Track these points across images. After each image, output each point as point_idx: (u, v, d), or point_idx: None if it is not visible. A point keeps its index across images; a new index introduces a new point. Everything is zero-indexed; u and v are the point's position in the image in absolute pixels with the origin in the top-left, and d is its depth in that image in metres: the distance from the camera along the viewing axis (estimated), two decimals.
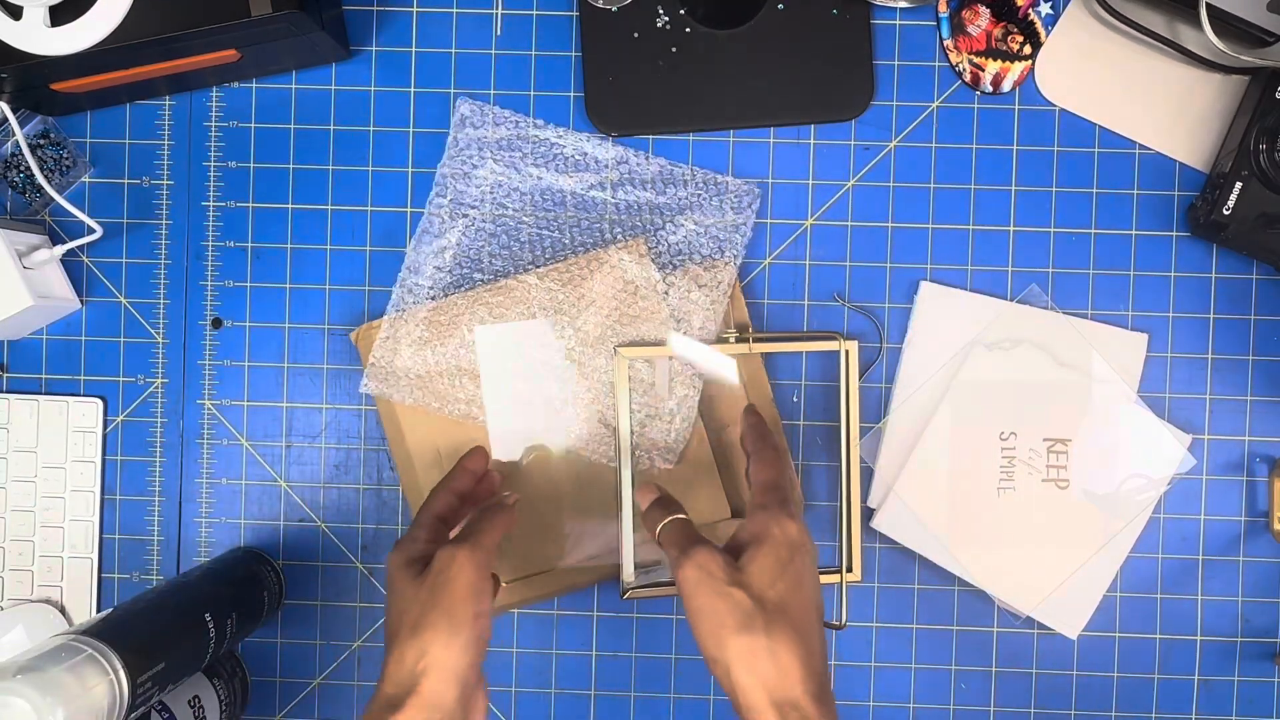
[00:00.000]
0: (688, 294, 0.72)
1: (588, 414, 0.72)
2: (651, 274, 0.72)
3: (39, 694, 0.51)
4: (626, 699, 0.75)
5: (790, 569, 0.55)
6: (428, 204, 0.74)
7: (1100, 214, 0.74)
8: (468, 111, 0.74)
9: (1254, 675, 0.74)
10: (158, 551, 0.76)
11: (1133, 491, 0.73)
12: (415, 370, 0.72)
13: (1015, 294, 0.74)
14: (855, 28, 0.73)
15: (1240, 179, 0.69)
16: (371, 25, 0.75)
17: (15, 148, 0.73)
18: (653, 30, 0.73)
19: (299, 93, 0.75)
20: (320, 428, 0.75)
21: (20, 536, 0.75)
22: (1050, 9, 0.73)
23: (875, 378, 0.74)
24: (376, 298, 0.75)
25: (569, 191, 0.74)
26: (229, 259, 0.76)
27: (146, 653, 0.58)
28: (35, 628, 0.74)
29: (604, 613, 0.75)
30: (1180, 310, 0.74)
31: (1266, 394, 0.74)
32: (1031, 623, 0.74)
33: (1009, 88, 0.74)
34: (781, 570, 0.55)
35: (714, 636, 0.53)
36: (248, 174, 0.75)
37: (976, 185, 0.74)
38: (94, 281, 0.76)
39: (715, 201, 0.73)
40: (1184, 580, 0.74)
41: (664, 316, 0.72)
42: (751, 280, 0.74)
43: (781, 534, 0.56)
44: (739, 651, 0.52)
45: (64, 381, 0.76)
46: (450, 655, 0.55)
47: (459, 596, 0.56)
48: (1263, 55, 0.70)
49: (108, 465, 0.76)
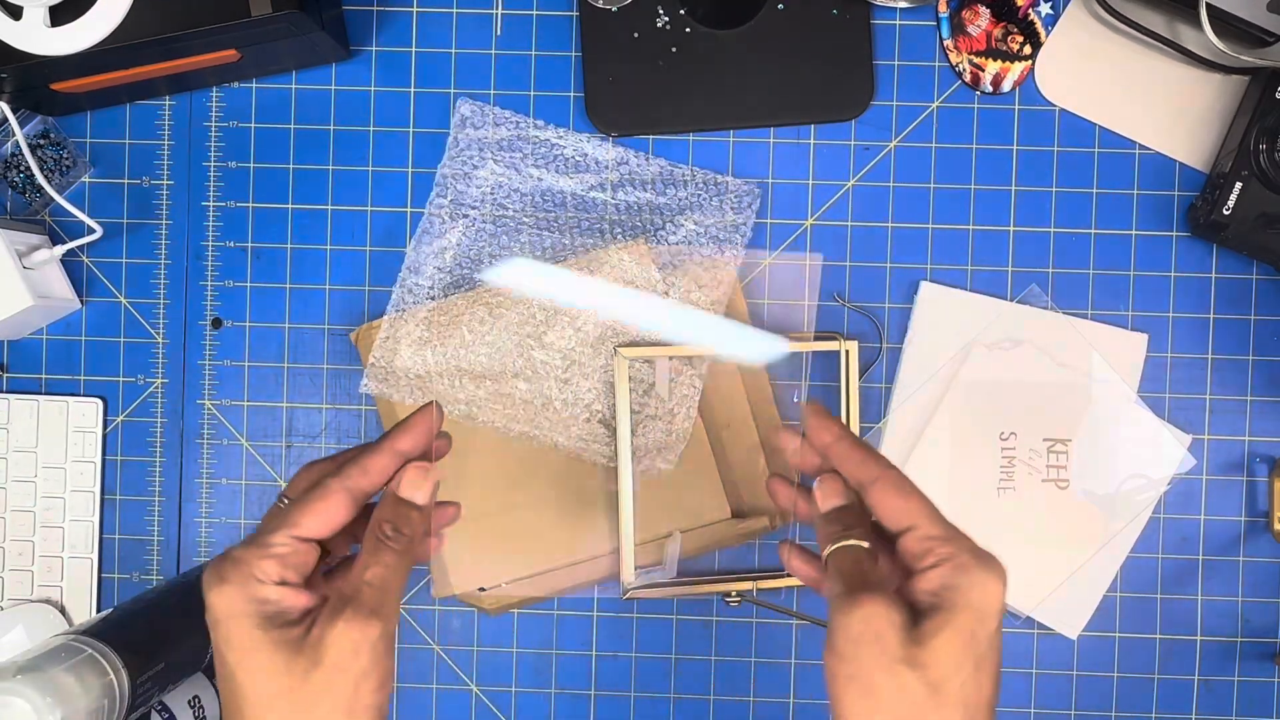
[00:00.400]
0: (688, 294, 0.72)
1: (588, 414, 0.72)
2: (651, 274, 0.72)
3: (39, 694, 0.51)
4: (626, 699, 0.75)
5: (980, 654, 0.42)
6: (428, 204, 0.74)
7: (1100, 214, 0.74)
8: (468, 112, 0.74)
9: (1254, 675, 0.74)
10: (158, 551, 0.76)
11: (1133, 491, 0.73)
12: (415, 370, 0.72)
13: (1015, 294, 0.74)
14: (855, 28, 0.73)
15: (1240, 179, 0.69)
16: (371, 25, 0.75)
17: (15, 148, 0.73)
18: (653, 30, 0.73)
19: (299, 93, 0.75)
20: (320, 428, 0.75)
21: (20, 536, 0.75)
22: (1050, 9, 0.73)
23: (875, 378, 0.74)
24: (376, 298, 0.75)
25: (569, 192, 0.74)
26: (229, 259, 0.76)
27: (146, 653, 0.58)
28: (35, 628, 0.74)
29: (604, 613, 0.75)
30: (1180, 310, 0.74)
31: (1266, 394, 0.74)
32: (1031, 623, 0.74)
33: (1009, 88, 0.74)
34: (970, 654, 0.42)
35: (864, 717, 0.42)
36: (248, 174, 0.75)
37: (976, 185, 0.74)
38: (94, 281, 0.76)
39: (715, 201, 0.73)
40: (1184, 580, 0.74)
41: None
42: (751, 280, 0.74)
43: (982, 602, 0.43)
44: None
45: (64, 381, 0.76)
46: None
47: (361, 705, 0.41)
48: (1263, 55, 0.70)
49: (108, 465, 0.76)
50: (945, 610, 0.42)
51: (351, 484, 0.45)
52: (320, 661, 0.40)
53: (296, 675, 0.40)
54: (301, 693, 0.40)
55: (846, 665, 0.42)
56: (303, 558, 0.43)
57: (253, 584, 0.42)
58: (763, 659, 0.74)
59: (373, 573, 0.42)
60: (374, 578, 0.42)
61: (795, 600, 0.74)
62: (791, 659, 0.75)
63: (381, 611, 0.41)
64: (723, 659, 0.75)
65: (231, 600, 0.41)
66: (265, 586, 0.42)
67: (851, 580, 0.44)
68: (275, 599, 0.42)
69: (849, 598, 0.43)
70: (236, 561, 0.42)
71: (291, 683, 0.40)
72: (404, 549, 0.44)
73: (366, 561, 0.43)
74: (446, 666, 0.75)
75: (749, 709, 0.75)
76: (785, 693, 0.74)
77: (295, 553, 0.43)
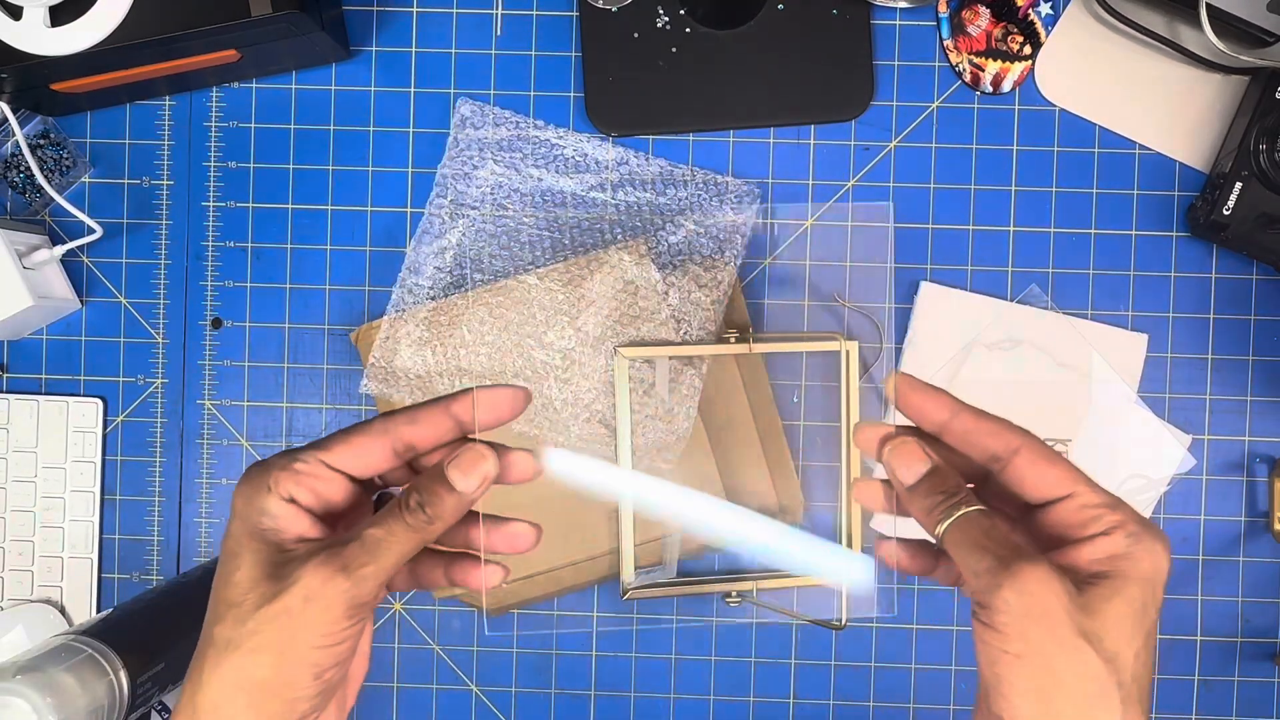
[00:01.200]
0: (688, 294, 0.72)
1: (588, 414, 0.72)
2: (651, 274, 0.72)
3: (39, 694, 0.51)
4: (626, 699, 0.75)
5: (1150, 626, 0.39)
6: (428, 204, 0.74)
7: (1100, 214, 0.74)
8: (468, 112, 0.74)
9: (1254, 675, 0.74)
10: (158, 551, 0.76)
11: (1133, 492, 0.73)
12: (415, 370, 0.72)
13: (1015, 294, 0.74)
14: (855, 28, 0.73)
15: (1240, 179, 0.69)
16: (371, 25, 0.75)
17: (15, 148, 0.73)
18: (653, 30, 0.73)
19: (299, 93, 0.75)
20: (320, 428, 0.75)
21: (20, 537, 0.75)
22: (1050, 9, 0.73)
23: (875, 378, 0.74)
24: (376, 298, 0.75)
25: (569, 192, 0.74)
26: (229, 259, 0.76)
27: (146, 653, 0.58)
28: (35, 628, 0.74)
29: (604, 613, 0.75)
30: (1180, 310, 0.74)
31: (1266, 394, 0.74)
32: None
33: (1009, 88, 0.74)
34: (1141, 626, 0.39)
35: (1044, 704, 0.38)
36: (248, 174, 0.75)
37: (976, 185, 0.74)
38: (94, 281, 0.76)
39: (715, 202, 0.73)
40: (1184, 580, 0.74)
41: (664, 316, 0.72)
42: (751, 280, 0.74)
43: (1154, 571, 0.39)
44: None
45: (64, 381, 0.76)
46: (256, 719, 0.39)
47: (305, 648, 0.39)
48: (1263, 55, 0.70)
49: (108, 465, 0.76)
50: (1117, 579, 0.39)
51: (394, 428, 0.42)
52: (280, 594, 0.39)
53: (256, 596, 0.39)
54: (253, 616, 0.39)
55: (1013, 643, 0.38)
56: (323, 484, 0.41)
57: (263, 492, 0.40)
58: (763, 659, 0.74)
59: (371, 531, 0.40)
60: (369, 536, 0.40)
61: (794, 600, 0.74)
62: (792, 659, 0.75)
63: (355, 572, 0.39)
64: (723, 659, 0.75)
65: (238, 499, 0.41)
66: (271, 498, 0.40)
67: (998, 550, 0.39)
68: (275, 513, 0.40)
69: (1003, 569, 0.38)
70: (262, 466, 0.41)
71: (252, 599, 0.39)
72: (417, 525, 0.41)
73: (375, 520, 0.41)
74: (446, 666, 0.75)
75: (749, 709, 0.75)
76: (785, 693, 0.74)
77: (316, 477, 0.41)
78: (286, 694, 0.39)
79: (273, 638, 0.38)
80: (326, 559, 0.39)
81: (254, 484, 0.41)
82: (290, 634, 0.39)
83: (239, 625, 0.39)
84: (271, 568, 0.39)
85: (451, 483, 0.41)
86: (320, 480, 0.41)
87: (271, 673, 0.39)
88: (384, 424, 0.42)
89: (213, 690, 0.39)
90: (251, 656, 0.38)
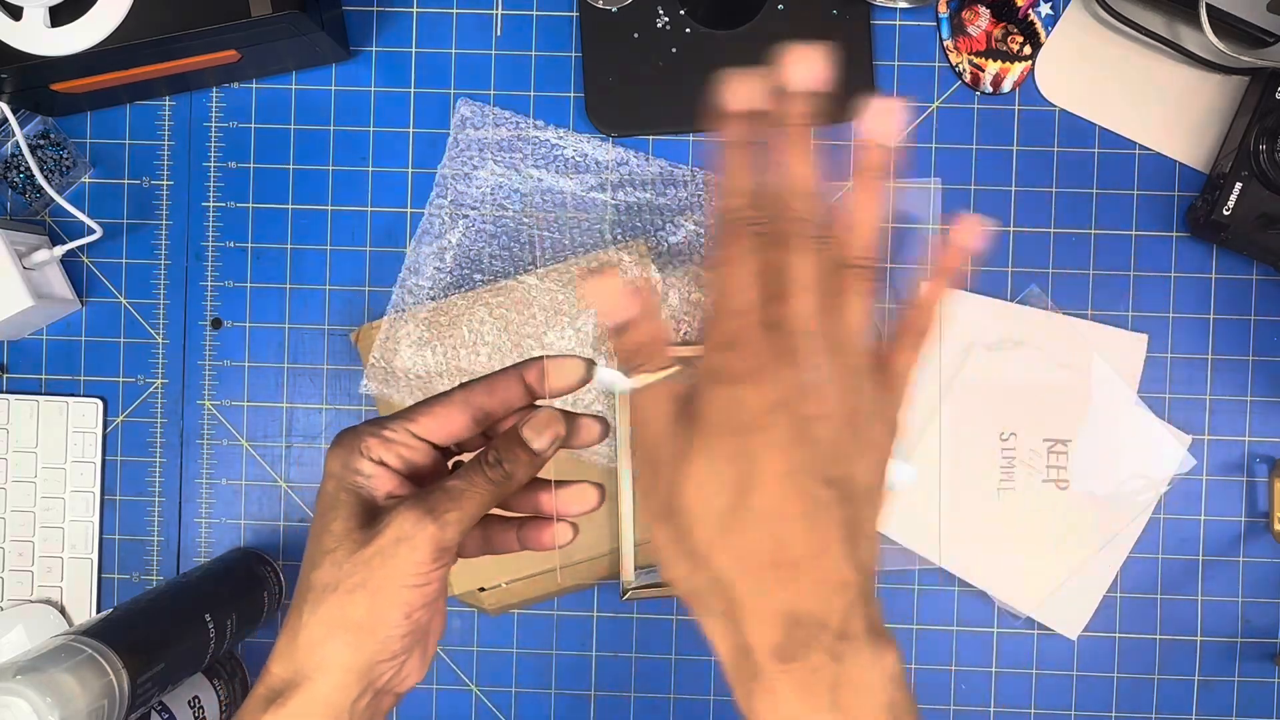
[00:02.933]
0: (688, 294, 0.72)
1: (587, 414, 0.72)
2: (651, 274, 0.72)
3: (39, 694, 0.51)
4: (626, 699, 0.75)
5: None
6: (428, 204, 0.74)
7: (1100, 214, 0.74)
8: (468, 112, 0.74)
9: (1254, 676, 0.74)
10: (158, 552, 0.76)
11: (1133, 492, 0.73)
12: (415, 371, 0.72)
13: (1015, 294, 0.74)
14: (855, 28, 0.73)
15: (1240, 179, 0.69)
16: (371, 25, 0.75)
17: (15, 148, 0.73)
18: (653, 31, 0.73)
19: (299, 93, 0.75)
20: (320, 428, 0.75)
21: (20, 537, 0.75)
22: (1050, 9, 0.73)
23: None
24: (376, 298, 0.75)
25: (569, 193, 0.74)
26: (229, 259, 0.76)
27: (146, 653, 0.58)
28: (35, 628, 0.74)
29: (604, 613, 0.75)
30: (1180, 311, 0.74)
31: (1266, 394, 0.74)
32: (1031, 623, 0.74)
33: (1009, 88, 0.74)
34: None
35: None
36: (248, 174, 0.75)
37: (976, 185, 0.74)
38: (94, 282, 0.76)
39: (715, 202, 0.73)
40: (1184, 581, 0.74)
41: (664, 317, 0.72)
42: None
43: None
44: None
45: (64, 382, 0.76)
46: (354, 655, 0.42)
47: (396, 586, 0.42)
48: (1263, 55, 0.70)
49: (108, 466, 0.76)
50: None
51: (472, 397, 0.46)
52: (373, 539, 0.42)
53: (350, 543, 0.43)
54: (349, 559, 0.42)
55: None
56: (409, 451, 0.45)
57: (355, 455, 0.44)
58: None
59: (454, 482, 0.43)
60: (453, 487, 0.43)
61: None
62: None
63: (441, 516, 0.42)
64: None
65: (333, 461, 0.44)
66: (362, 460, 0.44)
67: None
68: (367, 472, 0.44)
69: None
70: (353, 433, 0.45)
71: (347, 546, 0.43)
72: (496, 478, 0.44)
73: (458, 474, 0.44)
74: (446, 666, 0.75)
75: None
76: None
77: (403, 444, 0.44)
78: (381, 632, 0.42)
79: (367, 578, 0.42)
80: (415, 504, 0.42)
81: (347, 447, 0.44)
82: (384, 574, 0.42)
83: (336, 569, 0.42)
84: (364, 518, 0.43)
85: (526, 441, 0.45)
86: (406, 447, 0.45)
87: (366, 612, 0.42)
88: (464, 393, 0.46)
89: (314, 630, 0.42)
90: (349, 596, 0.42)
